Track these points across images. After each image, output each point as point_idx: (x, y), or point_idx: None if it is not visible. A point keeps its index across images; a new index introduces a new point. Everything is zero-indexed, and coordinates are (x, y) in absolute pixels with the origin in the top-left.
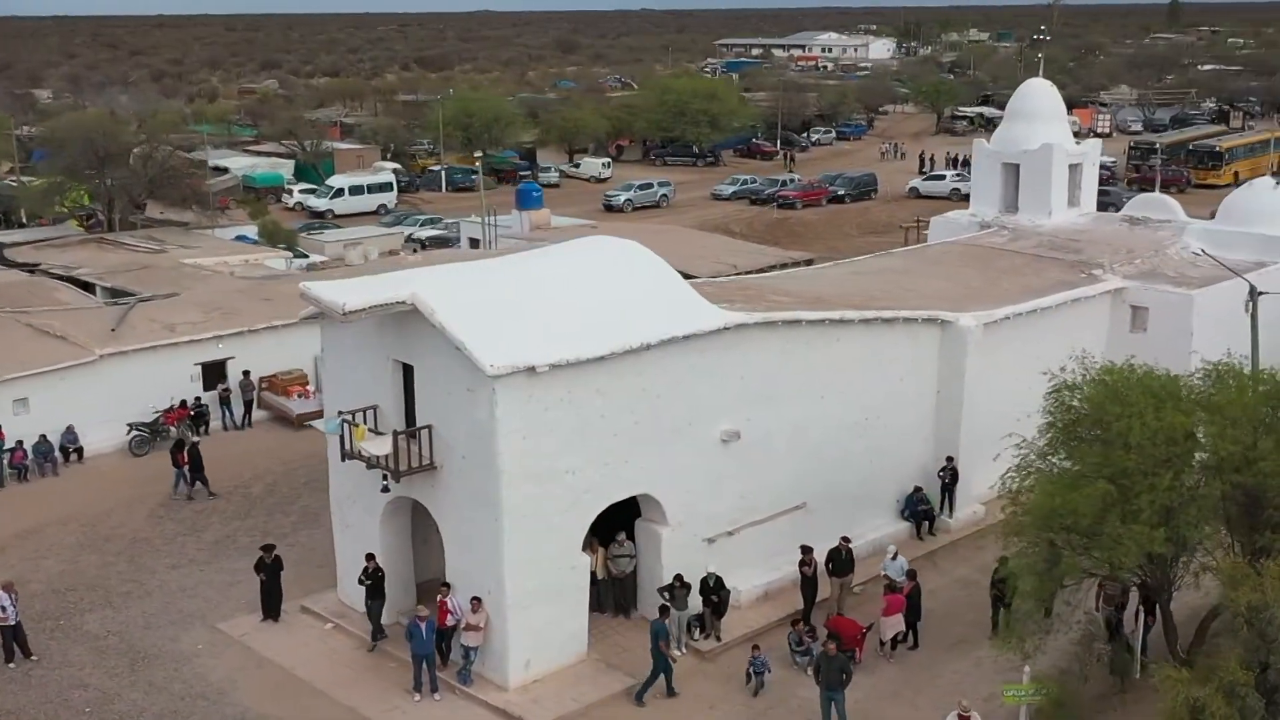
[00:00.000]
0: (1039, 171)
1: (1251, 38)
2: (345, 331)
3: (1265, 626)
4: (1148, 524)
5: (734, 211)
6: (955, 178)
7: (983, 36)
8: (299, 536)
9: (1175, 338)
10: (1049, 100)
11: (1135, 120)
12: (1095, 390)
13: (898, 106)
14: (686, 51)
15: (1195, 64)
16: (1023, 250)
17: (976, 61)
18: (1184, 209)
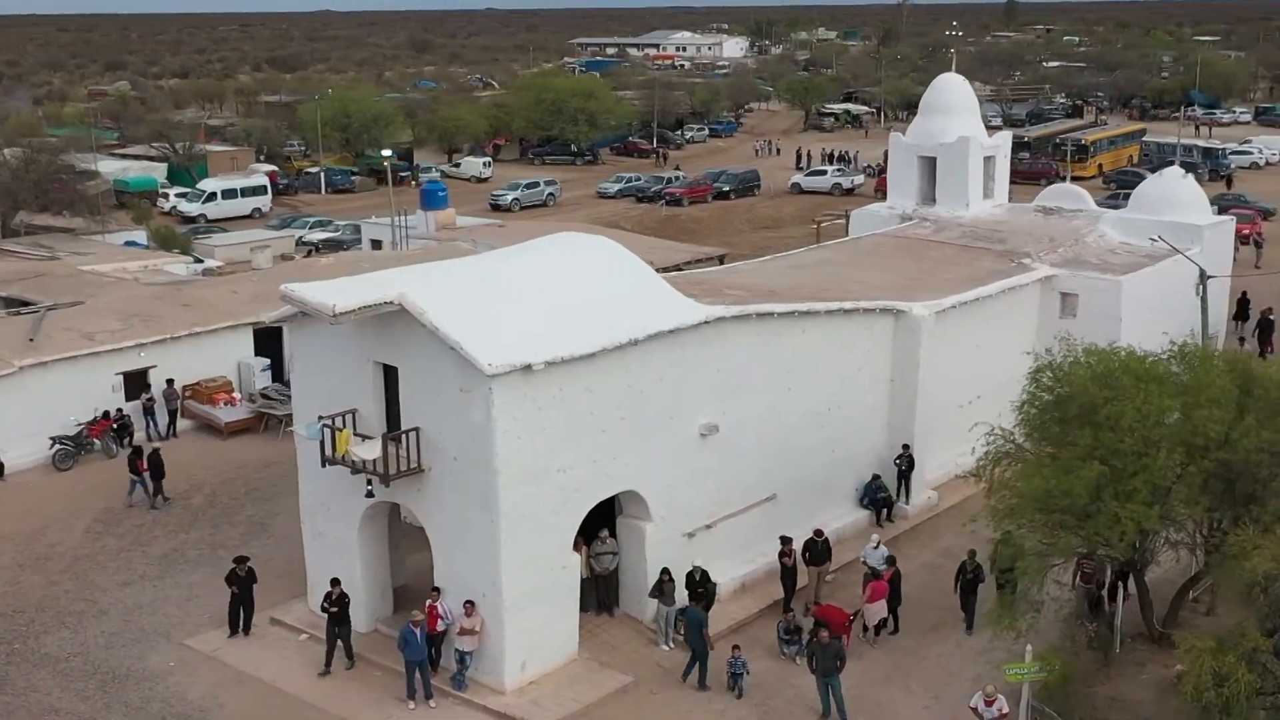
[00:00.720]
0: (956, 164)
1: (1085, 35)
2: (320, 334)
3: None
4: (1142, 503)
5: (622, 209)
6: (836, 173)
7: (831, 35)
8: (251, 548)
9: (1105, 322)
10: (962, 94)
11: (994, 115)
12: (1082, 374)
13: (763, 104)
14: (543, 50)
15: (1040, 61)
16: (950, 241)
17: (830, 60)
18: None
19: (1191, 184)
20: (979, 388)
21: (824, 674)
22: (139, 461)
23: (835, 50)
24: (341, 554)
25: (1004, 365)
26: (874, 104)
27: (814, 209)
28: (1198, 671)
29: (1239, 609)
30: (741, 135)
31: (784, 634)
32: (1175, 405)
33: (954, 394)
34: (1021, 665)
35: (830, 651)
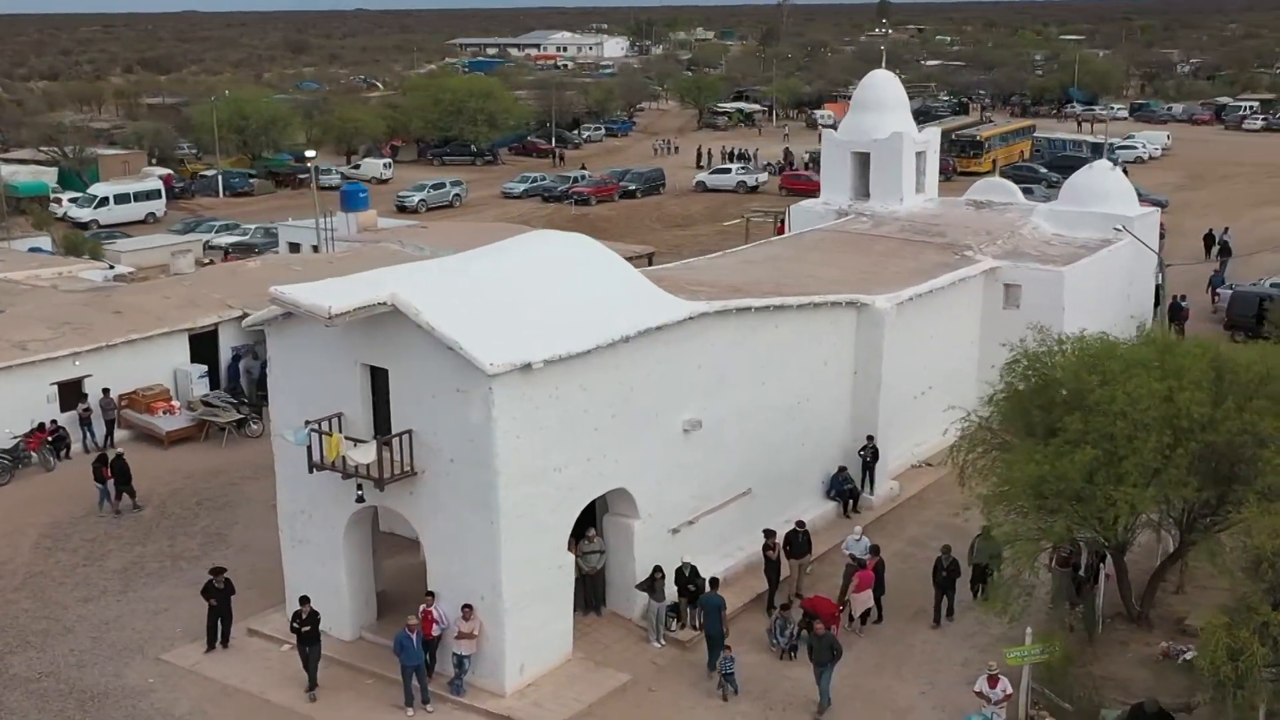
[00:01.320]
0: (889, 159)
1: (956, 34)
2: (301, 337)
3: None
4: (1135, 485)
5: (529, 209)
6: (740, 171)
7: (709, 35)
8: (213, 558)
9: (1048, 313)
10: (893, 91)
11: None
12: (1069, 361)
13: (654, 103)
14: (423, 51)
15: (918, 60)
16: (892, 235)
17: (712, 59)
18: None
19: (1120, 177)
20: (931, 379)
21: (819, 664)
22: (103, 469)
23: (716, 50)
24: (324, 561)
25: (953, 356)
26: (765, 102)
27: (720, 207)
28: (1214, 646)
29: (1241, 583)
30: (637, 134)
31: (780, 629)
32: (1163, 389)
33: (909, 385)
34: (1021, 648)
35: (825, 643)
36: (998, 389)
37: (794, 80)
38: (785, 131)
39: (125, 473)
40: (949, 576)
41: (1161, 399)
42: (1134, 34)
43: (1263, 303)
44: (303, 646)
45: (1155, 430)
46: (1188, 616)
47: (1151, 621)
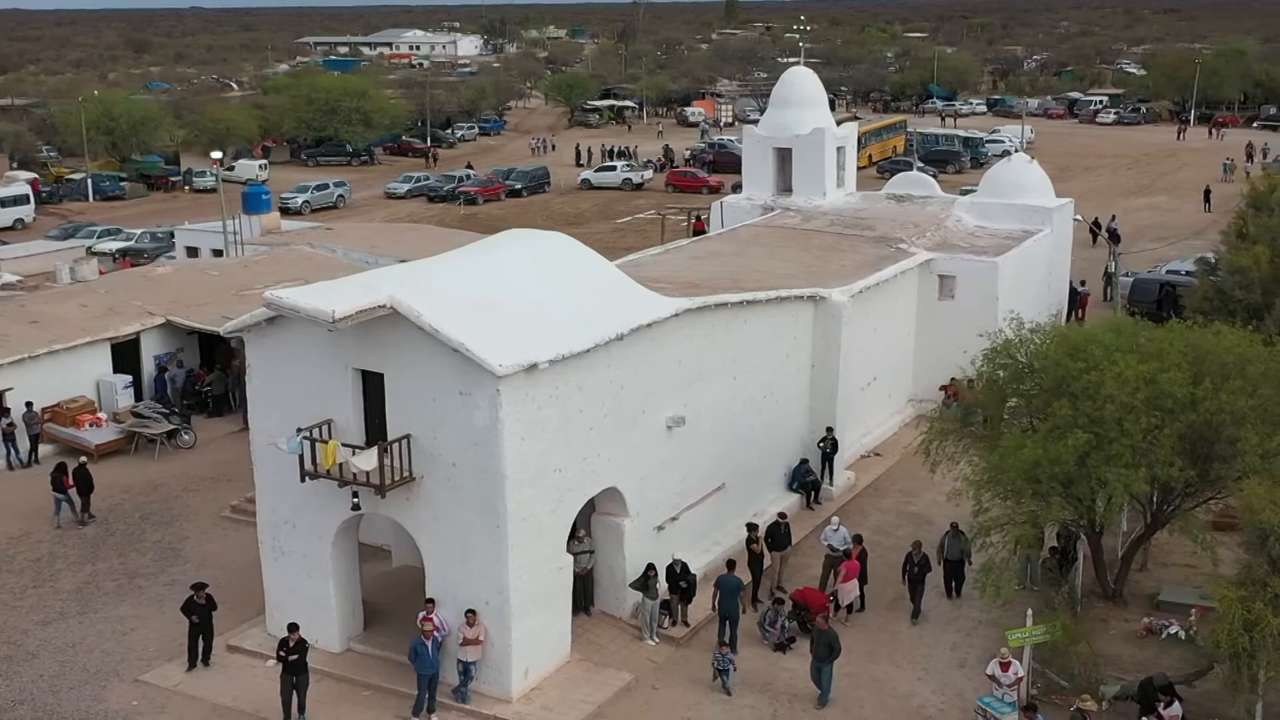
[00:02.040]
0: (812, 154)
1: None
2: (286, 343)
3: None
4: (1127, 466)
5: (416, 209)
6: (625, 168)
7: (560, 33)
8: (170, 574)
9: (982, 303)
10: (813, 87)
11: (753, 110)
12: (1055, 348)
13: (521, 102)
14: (274, 50)
15: (774, 57)
16: (824, 229)
17: (568, 57)
18: None
19: (1037, 169)
20: (876, 370)
21: (817, 658)
22: (64, 478)
23: (572, 48)
24: (311, 573)
25: (894, 348)
26: (634, 100)
27: (609, 204)
28: (1230, 619)
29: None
30: (509, 133)
31: (770, 622)
32: (1148, 371)
33: (858, 377)
34: (1023, 630)
35: (824, 638)
36: (980, 377)
37: (661, 78)
38: (659, 129)
39: (88, 482)
40: (920, 573)
41: (1146, 382)
42: (974, 31)
43: (1163, 288)
44: (289, 676)
45: (1144, 412)
46: (1160, 593)
47: (1125, 599)
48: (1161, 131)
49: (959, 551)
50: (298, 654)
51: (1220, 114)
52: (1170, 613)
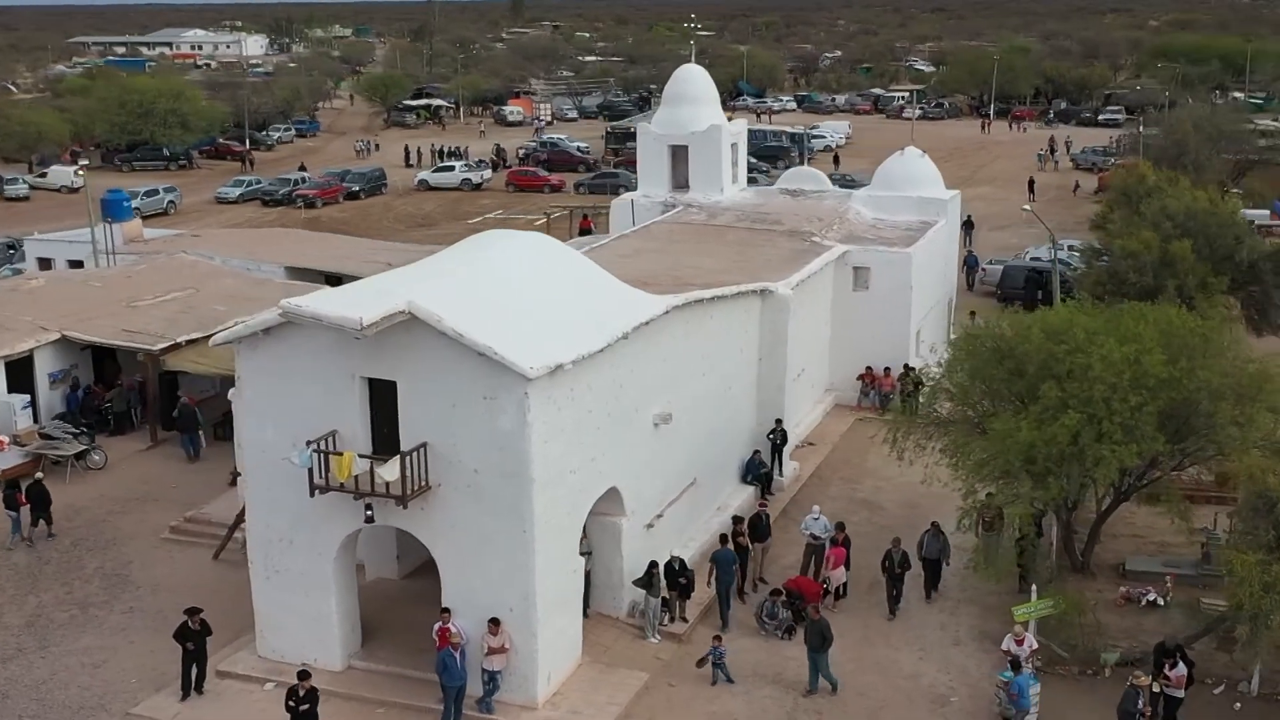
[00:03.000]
0: (709, 151)
1: (591, 31)
2: (284, 354)
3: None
4: (1119, 443)
5: (253, 213)
6: (464, 168)
7: (346, 32)
8: (125, 601)
9: (896, 293)
10: (706, 84)
11: (570, 108)
12: (1038, 334)
13: (328, 103)
14: (48, 50)
15: (575, 56)
16: (733, 225)
17: (361, 56)
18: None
19: (929, 163)
20: (804, 361)
21: (811, 649)
22: (17, 495)
23: (364, 47)
24: (309, 590)
25: (818, 339)
26: (449, 99)
27: (454, 205)
28: (1250, 581)
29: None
30: (325, 135)
31: (769, 614)
32: (1131, 352)
33: (792, 368)
34: (1028, 604)
35: (816, 629)
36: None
37: (474, 77)
38: (481, 129)
39: (44, 498)
40: (901, 571)
41: (1130, 363)
42: (761, 30)
43: (1030, 275)
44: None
45: (1132, 391)
46: (1125, 563)
47: (1093, 571)
48: (964, 125)
49: (937, 550)
50: (309, 703)
51: (1018, 108)
52: (1138, 581)
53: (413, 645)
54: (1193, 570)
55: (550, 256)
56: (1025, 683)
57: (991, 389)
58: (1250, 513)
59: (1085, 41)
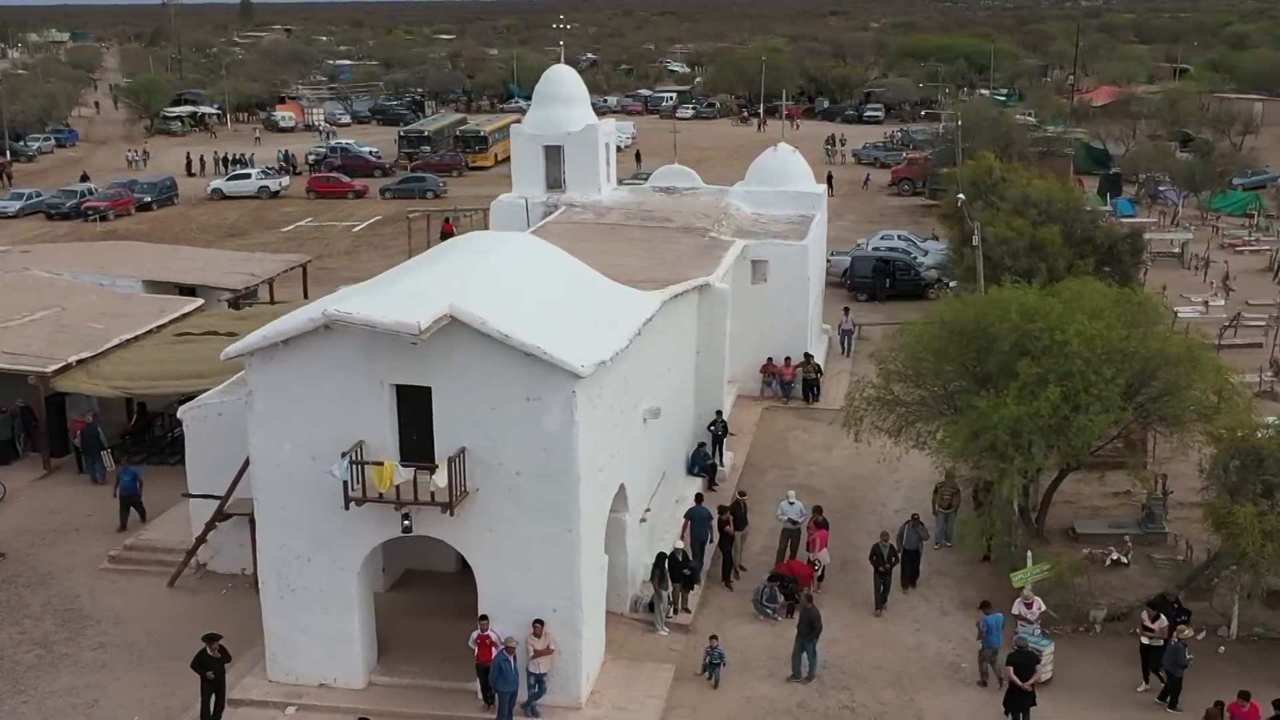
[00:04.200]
0: (586, 151)
1: (328, 34)
2: (302, 365)
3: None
4: (1099, 413)
5: (39, 227)
6: (261, 175)
7: (63, 36)
8: (93, 636)
9: (794, 283)
10: (577, 85)
11: (342, 113)
12: (1010, 313)
13: (78, 111)
14: None
15: (327, 60)
16: (627, 223)
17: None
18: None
19: (800, 159)
20: None
21: (801, 636)
22: None
23: (94, 52)
24: (329, 608)
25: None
26: (214, 105)
27: (257, 213)
28: (1253, 531)
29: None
30: (85, 144)
31: (768, 600)
32: (1100, 328)
33: (729, 361)
34: (1024, 570)
35: (806, 618)
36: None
37: (235, 81)
38: (256, 135)
39: None
40: (890, 565)
41: (1101, 338)
42: (502, 33)
43: (877, 264)
44: None
45: (1104, 364)
46: (1074, 527)
47: (1046, 536)
48: (736, 124)
49: (917, 541)
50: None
51: (787, 106)
52: (1090, 543)
53: (426, 656)
54: (1138, 529)
55: (546, 257)
56: (994, 621)
57: (966, 368)
58: (1236, 468)
59: (832, 42)
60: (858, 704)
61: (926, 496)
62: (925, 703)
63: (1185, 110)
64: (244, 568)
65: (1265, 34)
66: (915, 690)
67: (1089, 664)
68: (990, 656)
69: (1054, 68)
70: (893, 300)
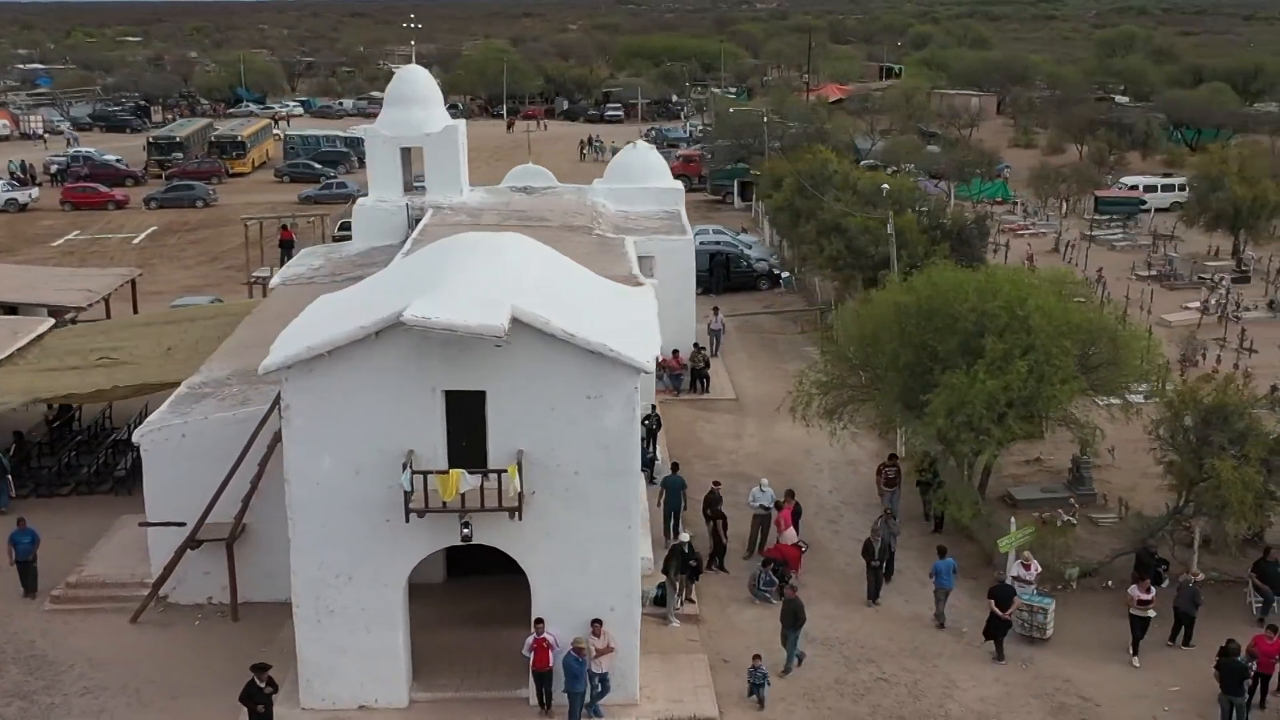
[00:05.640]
0: (446, 152)
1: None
2: (345, 376)
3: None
4: (1063, 381)
5: None
6: (6, 188)
7: None
8: (74, 683)
9: (681, 277)
10: (430, 85)
11: (60, 119)
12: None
13: None
14: None
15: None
16: (508, 224)
17: None
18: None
19: (658, 156)
20: None
21: (786, 626)
22: None
23: None
24: (371, 626)
25: None
26: None
27: (9, 228)
28: (1234, 481)
29: None
30: None
31: (764, 583)
32: (1059, 305)
33: None
34: (1009, 535)
35: (790, 609)
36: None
37: None
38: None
39: None
40: (881, 560)
41: (1059, 314)
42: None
43: (714, 256)
44: None
45: (1063, 337)
46: (1011, 493)
47: (990, 503)
48: (484, 125)
49: (890, 536)
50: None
51: (529, 107)
52: (1030, 509)
53: (458, 669)
54: (1069, 492)
55: (547, 256)
56: (943, 565)
57: (924, 348)
58: (1197, 427)
59: (558, 44)
60: (889, 675)
61: (851, 477)
62: (950, 669)
63: (918, 106)
64: (210, 596)
65: (945, 34)
66: (934, 659)
67: (1076, 620)
68: (942, 598)
69: (772, 66)
70: (729, 292)
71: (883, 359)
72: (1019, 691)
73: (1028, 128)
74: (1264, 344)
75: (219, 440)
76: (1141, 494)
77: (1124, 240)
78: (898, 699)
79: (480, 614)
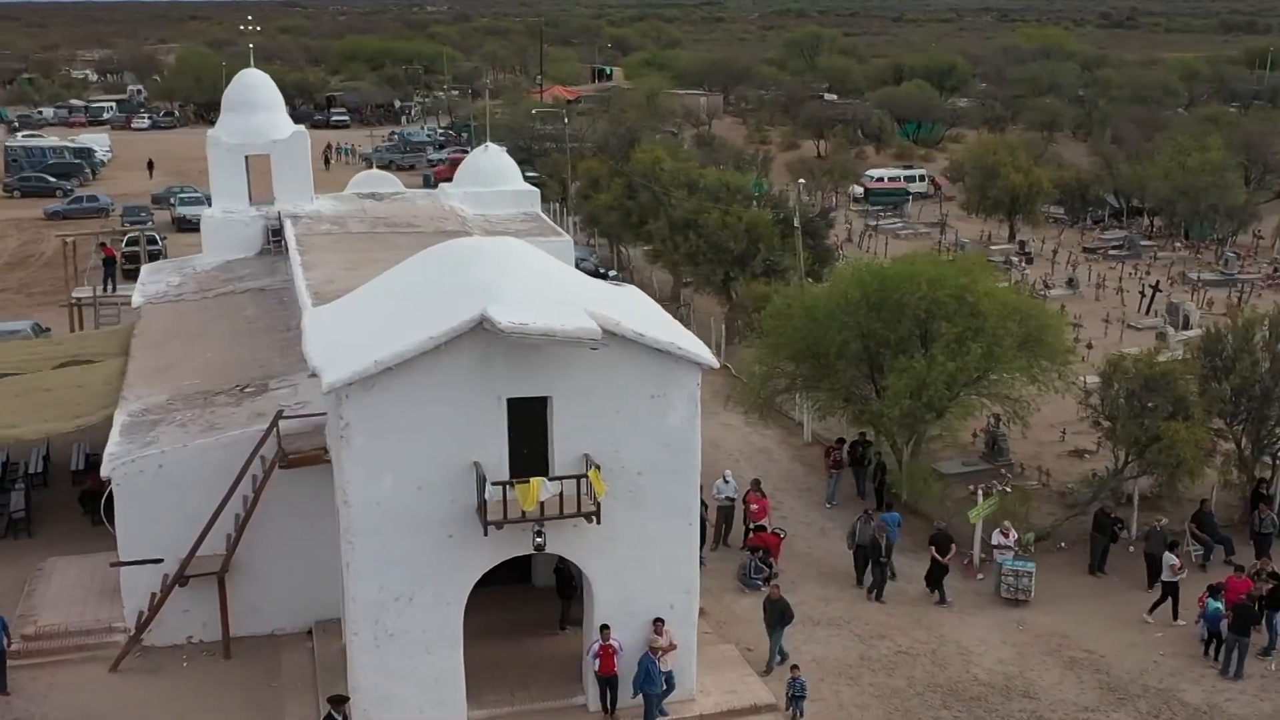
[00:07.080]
0: (295, 158)
1: None
2: (406, 391)
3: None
4: (1011, 361)
5: None
6: None
7: None
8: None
9: None
10: (273, 90)
11: None
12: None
13: None
14: None
15: None
16: (378, 231)
17: None
18: None
19: (508, 158)
20: None
21: (770, 626)
22: None
23: None
24: (432, 648)
25: None
26: None
27: None
28: (1190, 443)
29: None
30: None
31: (754, 571)
32: (1000, 290)
33: None
34: (977, 507)
35: (777, 608)
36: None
37: None
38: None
39: None
40: (876, 556)
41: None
42: None
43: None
44: None
45: (1009, 320)
46: (938, 468)
47: None
48: (202, 133)
49: (869, 535)
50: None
51: None
52: (959, 480)
53: (503, 682)
54: (988, 464)
55: (550, 259)
56: (891, 518)
57: (879, 338)
58: (1139, 393)
59: (262, 48)
60: (907, 647)
61: (767, 464)
62: (957, 637)
63: (662, 105)
64: (190, 635)
65: (640, 35)
66: (939, 628)
67: (1046, 582)
68: (888, 550)
69: (487, 69)
70: None
71: (831, 348)
72: (1029, 651)
73: (760, 125)
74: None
75: (199, 468)
76: (1046, 460)
77: (905, 229)
78: (925, 669)
79: (490, 628)
